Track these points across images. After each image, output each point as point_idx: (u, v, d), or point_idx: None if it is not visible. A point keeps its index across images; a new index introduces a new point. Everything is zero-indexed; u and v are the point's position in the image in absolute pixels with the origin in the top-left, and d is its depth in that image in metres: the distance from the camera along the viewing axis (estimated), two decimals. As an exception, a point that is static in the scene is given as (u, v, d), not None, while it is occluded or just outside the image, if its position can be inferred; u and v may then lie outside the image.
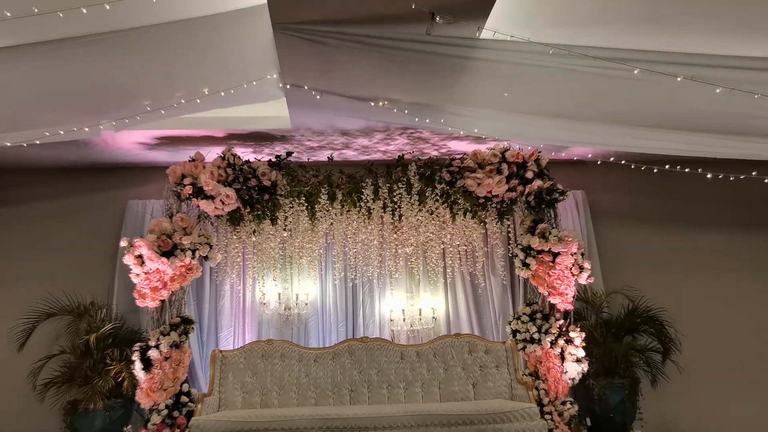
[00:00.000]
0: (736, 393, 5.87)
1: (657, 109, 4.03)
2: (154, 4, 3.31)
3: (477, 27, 3.62)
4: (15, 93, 3.76)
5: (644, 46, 3.87)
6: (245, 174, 5.47)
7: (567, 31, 3.84)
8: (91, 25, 3.50)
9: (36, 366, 5.48)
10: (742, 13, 3.71)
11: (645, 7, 3.61)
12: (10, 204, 6.19)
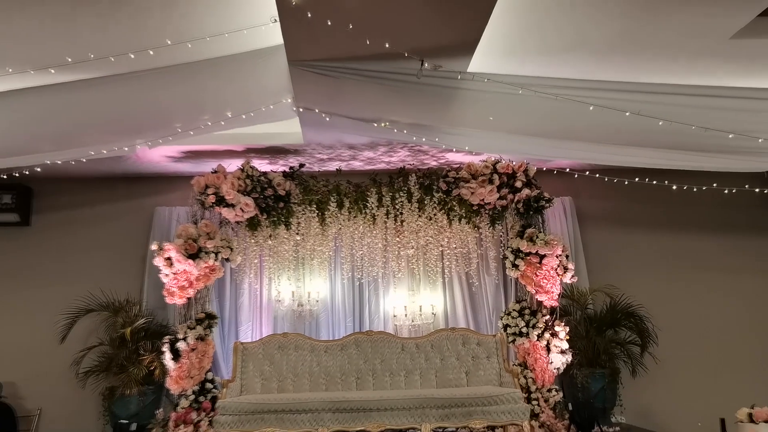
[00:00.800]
0: (706, 381, 6.42)
1: (623, 129, 4.60)
2: (189, 48, 3.94)
3: (466, 63, 4.23)
4: (71, 119, 4.41)
5: (607, 76, 4.47)
6: (262, 184, 6.09)
7: (544, 59, 4.44)
8: (135, 65, 4.13)
9: (78, 356, 6.11)
10: (685, 46, 4.33)
11: (610, 39, 4.20)
12: (50, 210, 6.85)
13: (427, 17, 3.70)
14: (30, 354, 6.47)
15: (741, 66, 4.79)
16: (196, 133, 5.20)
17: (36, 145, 4.78)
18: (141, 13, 3.82)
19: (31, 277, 6.68)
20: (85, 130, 4.64)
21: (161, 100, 4.58)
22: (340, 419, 4.91)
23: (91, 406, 6.25)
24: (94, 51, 3.84)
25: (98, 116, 4.50)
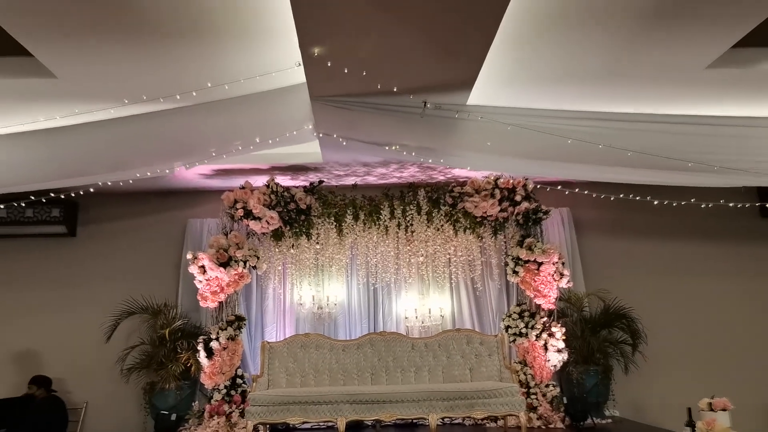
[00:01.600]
0: (693, 377, 6.94)
1: (604, 152, 5.18)
2: (225, 89, 4.61)
3: (465, 96, 4.84)
4: (125, 147, 5.10)
5: (591, 106, 5.07)
6: (285, 199, 6.76)
7: (536, 89, 5.05)
8: (180, 102, 4.80)
9: (122, 354, 6.80)
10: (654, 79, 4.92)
11: (594, 71, 4.79)
12: (94, 223, 7.55)
13: (429, 63, 4.32)
14: (76, 353, 7.16)
15: (716, 93, 5.37)
16: (228, 156, 5.87)
17: (93, 169, 5.48)
18: (185, 59, 4.50)
19: (78, 283, 7.39)
20: (136, 156, 5.33)
21: (200, 130, 5.24)
22: (356, 410, 5.54)
23: (132, 400, 6.94)
24: (147, 91, 4.53)
25: (147, 144, 5.19)
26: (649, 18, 4.12)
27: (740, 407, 6.60)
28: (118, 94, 4.95)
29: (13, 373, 7.06)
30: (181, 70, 4.69)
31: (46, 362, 7.16)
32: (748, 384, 7.00)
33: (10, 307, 7.29)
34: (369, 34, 3.91)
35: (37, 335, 7.25)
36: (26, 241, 7.44)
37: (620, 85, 5.17)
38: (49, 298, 7.35)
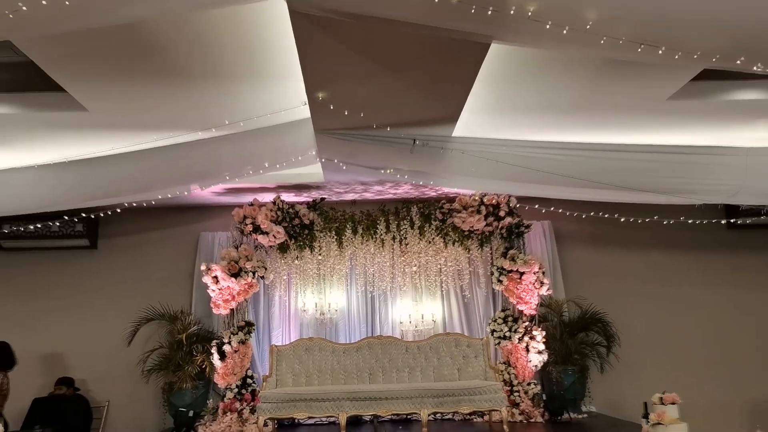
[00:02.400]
0: (662, 376, 7.55)
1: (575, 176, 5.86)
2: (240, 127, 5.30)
3: (451, 129, 5.52)
4: (150, 174, 5.77)
5: (563, 137, 5.74)
6: (290, 215, 7.43)
7: (515, 120, 5.73)
8: (200, 135, 5.48)
9: (143, 356, 7.44)
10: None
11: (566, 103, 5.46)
12: (114, 236, 8.20)
13: (417, 104, 5.01)
14: (99, 355, 7.80)
15: (679, 122, 6.05)
16: (239, 179, 6.54)
17: (118, 193, 6.16)
18: (206, 98, 5.18)
19: (99, 291, 8.04)
20: (158, 181, 6.00)
21: (216, 157, 5.91)
22: (356, 406, 6.21)
23: (151, 399, 7.59)
24: (171, 125, 5.23)
25: (169, 171, 5.86)
26: (608, 61, 4.77)
27: (705, 402, 7.35)
28: (144, 126, 5.64)
29: (40, 375, 7.69)
30: (201, 108, 5.38)
31: (70, 364, 7.81)
32: (712, 381, 7.73)
33: (38, 313, 7.93)
34: (366, 81, 4.58)
35: (62, 339, 7.90)
36: (52, 253, 8.09)
37: (591, 116, 5.86)
38: (73, 306, 7.99)
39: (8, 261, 8.07)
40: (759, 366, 7.96)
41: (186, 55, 4.58)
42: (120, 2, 3.07)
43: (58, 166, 5.69)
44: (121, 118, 5.59)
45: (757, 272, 8.24)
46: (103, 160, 5.59)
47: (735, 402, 7.81)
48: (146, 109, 5.44)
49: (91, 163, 5.64)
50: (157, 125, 5.59)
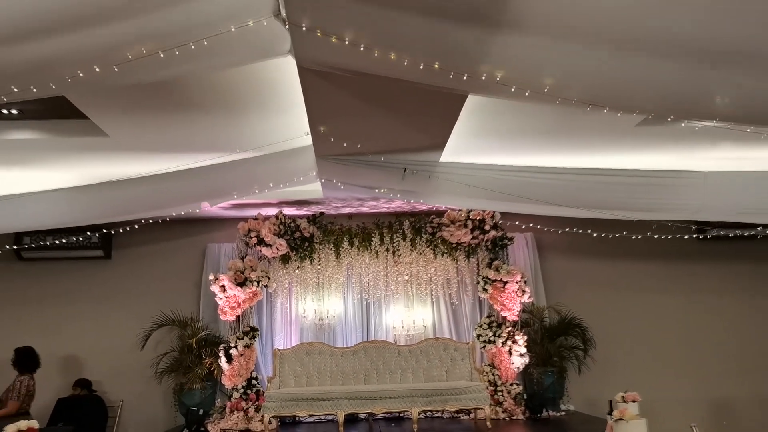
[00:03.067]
0: (635, 376, 8.20)
1: (555, 197, 6.49)
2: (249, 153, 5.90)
3: (439, 155, 6.14)
4: (166, 194, 6.38)
5: (540, 162, 6.37)
6: (292, 229, 8.04)
7: (498, 143, 6.34)
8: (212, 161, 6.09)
9: (156, 359, 8.03)
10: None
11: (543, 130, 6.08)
12: (126, 247, 8.78)
13: (409, 135, 5.62)
14: (113, 358, 8.38)
15: (645, 146, 6.68)
16: (246, 197, 7.15)
17: (135, 211, 6.77)
18: (218, 127, 5.79)
19: (113, 299, 8.63)
20: (172, 199, 6.61)
21: (226, 179, 6.51)
22: (353, 405, 6.82)
23: (161, 398, 8.18)
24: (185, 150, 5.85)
25: (183, 191, 6.47)
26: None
27: (674, 399, 8.00)
28: (160, 150, 6.24)
29: (58, 376, 8.26)
30: (214, 135, 5.99)
31: (86, 366, 8.39)
32: (681, 380, 8.40)
33: (56, 319, 8.52)
34: (362, 119, 5.20)
35: (79, 343, 8.48)
36: (69, 263, 8.67)
37: (568, 140, 6.48)
38: (88, 312, 8.58)
39: (28, 270, 8.65)
40: (724, 366, 8.62)
41: (201, 90, 5.18)
42: (159, 66, 3.68)
43: (79, 188, 6.29)
44: (138, 142, 6.20)
45: (723, 280, 8.90)
46: (121, 183, 6.19)
47: (702, 399, 8.46)
48: (162, 135, 6.04)
49: (111, 186, 6.25)
50: (173, 150, 6.20)
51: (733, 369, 8.64)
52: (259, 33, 3.67)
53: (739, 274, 8.91)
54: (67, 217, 6.73)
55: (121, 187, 6.25)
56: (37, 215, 6.70)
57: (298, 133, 5.91)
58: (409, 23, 3.26)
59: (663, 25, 2.92)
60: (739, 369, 8.65)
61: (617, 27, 3.06)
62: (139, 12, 3.13)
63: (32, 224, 6.89)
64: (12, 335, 8.14)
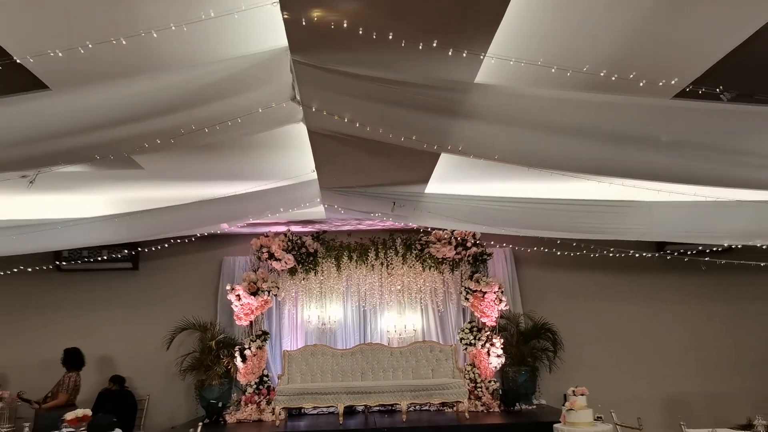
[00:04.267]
0: (599, 375, 9.34)
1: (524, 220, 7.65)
2: (262, 184, 7.07)
3: (424, 187, 7.30)
4: (193, 219, 7.56)
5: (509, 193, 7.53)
6: (298, 245, 9.21)
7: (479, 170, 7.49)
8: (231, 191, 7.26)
9: (180, 359, 9.19)
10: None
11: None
12: (152, 259, 9.91)
13: (399, 172, 6.77)
14: (140, 358, 9.54)
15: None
16: (260, 220, 8.33)
17: (164, 232, 7.95)
18: (237, 164, 6.95)
19: (141, 306, 9.80)
20: (196, 222, 7.79)
21: (243, 207, 7.68)
22: (351, 398, 8.00)
23: (185, 393, 9.35)
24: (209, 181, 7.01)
25: (207, 216, 7.64)
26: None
27: (634, 396, 9.12)
28: (187, 179, 7.40)
29: (94, 373, 9.42)
30: (234, 169, 7.15)
31: (118, 365, 9.56)
32: (640, 379, 9.56)
33: (90, 323, 9.68)
34: (360, 162, 6.36)
35: (111, 344, 9.64)
36: (101, 273, 9.84)
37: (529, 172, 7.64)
38: (119, 317, 9.75)
39: (66, 280, 9.81)
40: (679, 366, 9.78)
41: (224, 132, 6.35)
42: (204, 136, 4.83)
43: (118, 215, 7.46)
44: (169, 173, 7.36)
45: (680, 290, 10.07)
46: (153, 211, 7.35)
47: (659, 396, 9.62)
48: (189, 168, 7.16)
49: (144, 213, 7.41)
50: (198, 179, 7.34)
51: (687, 369, 9.80)
52: (279, 110, 4.84)
53: (693, 284, 10.06)
54: (107, 237, 7.88)
55: (153, 214, 7.40)
56: (81, 235, 7.84)
57: (305, 169, 7.07)
58: (393, 111, 4.43)
59: (574, 120, 4.09)
60: (692, 369, 9.81)
61: (544, 117, 4.22)
62: (193, 106, 4.29)
63: (77, 243, 8.07)
64: (53, 337, 9.32)
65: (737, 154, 4.18)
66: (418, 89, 4.04)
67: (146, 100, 4.13)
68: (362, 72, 3.95)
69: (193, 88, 4.07)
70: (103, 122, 4.14)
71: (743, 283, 9.90)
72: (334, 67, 3.95)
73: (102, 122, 4.15)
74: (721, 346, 9.94)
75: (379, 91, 4.16)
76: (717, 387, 9.79)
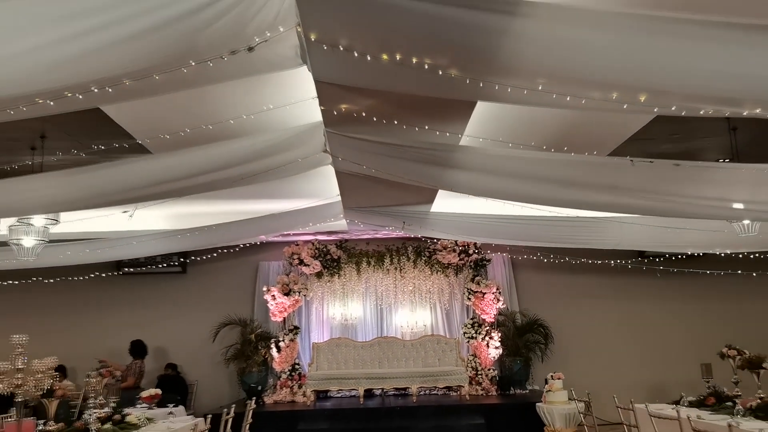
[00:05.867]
0: (585, 364, 10.77)
1: (517, 234, 9.11)
2: (289, 204, 8.63)
3: (429, 207, 8.79)
4: (237, 233, 9.14)
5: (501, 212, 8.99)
6: (324, 252, 10.76)
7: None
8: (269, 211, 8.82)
9: (225, 350, 10.79)
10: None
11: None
12: (198, 264, 11.53)
13: (409, 197, 8.25)
14: (189, 348, 11.15)
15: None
16: (293, 233, 9.90)
17: (213, 245, 9.55)
18: (276, 191, 8.49)
19: (189, 304, 11.42)
20: (241, 236, 9.38)
21: (278, 223, 9.23)
22: (370, 383, 9.55)
23: (228, 379, 10.96)
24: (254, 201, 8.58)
25: (249, 231, 9.22)
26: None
27: (614, 381, 10.48)
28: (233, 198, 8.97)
29: (151, 362, 11.06)
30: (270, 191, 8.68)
31: (171, 354, 11.20)
32: (620, 366, 10.93)
33: (147, 318, 11.30)
34: (378, 189, 7.86)
35: (163, 337, 11.25)
36: (155, 276, 11.49)
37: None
38: (171, 313, 11.38)
39: (125, 282, 11.46)
40: (657, 357, 11.14)
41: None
42: (259, 178, 6.37)
43: (174, 231, 9.05)
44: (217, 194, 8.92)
45: (656, 290, 11.37)
46: (205, 228, 8.94)
47: (639, 382, 10.95)
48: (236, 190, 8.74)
49: (198, 230, 8.99)
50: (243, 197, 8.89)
51: (665, 359, 11.15)
52: (314, 159, 6.36)
53: (669, 286, 11.37)
54: (164, 248, 9.49)
55: (204, 231, 8.98)
56: (144, 248, 9.46)
57: (331, 192, 8.59)
58: (399, 163, 5.93)
59: (531, 170, 5.56)
60: (669, 359, 11.15)
61: (510, 168, 5.69)
62: (254, 161, 5.82)
63: (140, 254, 9.69)
64: (116, 331, 10.98)
65: (654, 193, 5.61)
66: (416, 150, 5.53)
67: (220, 158, 5.66)
68: (375, 139, 5.45)
69: (254, 149, 5.58)
70: (190, 173, 5.69)
71: (702, 285, 11.08)
72: (355, 136, 5.46)
73: (190, 173, 5.69)
74: (682, 339, 11.22)
75: (387, 150, 5.66)
76: (680, 373, 11.08)
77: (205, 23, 3.31)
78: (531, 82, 3.62)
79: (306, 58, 4.01)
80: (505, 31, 3.24)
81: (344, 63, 3.87)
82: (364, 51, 3.61)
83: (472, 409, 9.19)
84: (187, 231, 9.04)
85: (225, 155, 5.50)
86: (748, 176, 5.46)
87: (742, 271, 9.83)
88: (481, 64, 3.54)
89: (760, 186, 5.48)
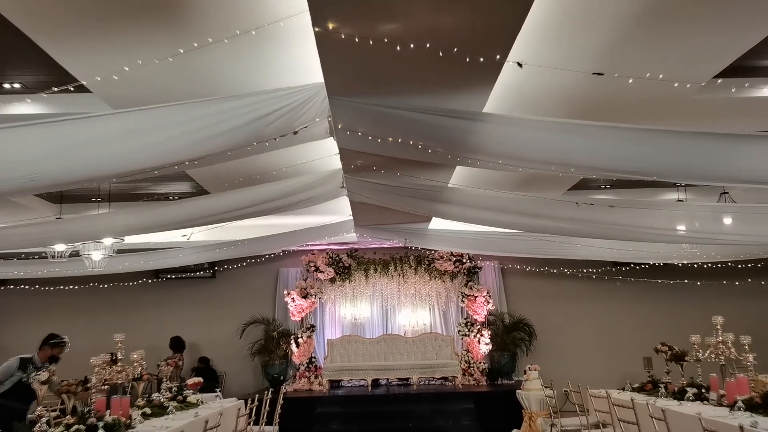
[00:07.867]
0: (565, 359, 12.33)
1: (506, 247, 10.69)
2: (305, 221, 10.23)
3: (428, 224, 10.36)
4: (262, 245, 10.74)
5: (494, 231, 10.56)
6: (336, 260, 12.38)
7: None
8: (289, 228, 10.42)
9: (251, 345, 12.40)
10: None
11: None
12: (226, 270, 13.14)
13: (407, 216, 9.84)
14: (219, 344, 12.76)
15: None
16: (309, 244, 11.52)
17: (241, 255, 11.17)
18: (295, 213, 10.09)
19: (218, 306, 13.05)
20: (265, 249, 11.00)
21: (297, 238, 10.83)
22: (376, 373, 11.18)
23: (252, 371, 12.58)
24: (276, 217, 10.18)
25: (272, 244, 10.83)
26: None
27: (593, 375, 12.03)
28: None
29: (186, 355, 12.68)
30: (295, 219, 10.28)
31: (203, 349, 12.82)
32: (598, 362, 12.48)
33: (182, 318, 12.92)
34: (382, 213, 9.45)
35: (197, 334, 12.87)
36: (189, 280, 13.11)
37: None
38: (202, 314, 13.01)
39: (164, 286, 13.09)
40: (629, 352, 12.65)
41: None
42: (286, 208, 7.97)
43: (206, 244, 10.64)
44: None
45: (619, 294, 12.85)
46: (234, 242, 10.53)
47: (612, 375, 12.52)
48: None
49: (227, 243, 10.58)
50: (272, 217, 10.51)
51: (624, 353, 12.58)
52: (331, 193, 7.95)
53: (639, 290, 12.93)
54: (198, 259, 11.12)
55: (237, 245, 10.59)
56: (181, 258, 11.07)
57: (344, 211, 10.20)
58: (398, 198, 7.51)
59: (503, 205, 7.15)
60: (627, 353, 12.57)
61: (487, 203, 7.28)
62: (286, 197, 7.41)
63: (187, 262, 11.33)
64: (155, 328, 12.60)
65: (604, 223, 7.18)
66: (414, 189, 7.11)
67: (259, 197, 7.26)
68: (382, 182, 7.03)
69: (289, 189, 7.18)
70: (236, 207, 7.30)
71: (656, 291, 12.56)
72: (367, 180, 7.05)
73: (235, 207, 7.30)
74: (640, 336, 12.57)
75: (392, 190, 7.25)
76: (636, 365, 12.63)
77: (267, 123, 4.90)
78: (492, 159, 5.21)
79: (333, 135, 5.61)
80: (472, 130, 4.82)
81: (361, 141, 5.46)
82: (375, 136, 5.20)
83: (464, 396, 10.79)
84: (223, 245, 10.65)
85: (266, 194, 7.10)
86: (684, 210, 7.08)
87: (689, 281, 11.43)
88: (457, 148, 5.12)
89: (692, 218, 7.08)
